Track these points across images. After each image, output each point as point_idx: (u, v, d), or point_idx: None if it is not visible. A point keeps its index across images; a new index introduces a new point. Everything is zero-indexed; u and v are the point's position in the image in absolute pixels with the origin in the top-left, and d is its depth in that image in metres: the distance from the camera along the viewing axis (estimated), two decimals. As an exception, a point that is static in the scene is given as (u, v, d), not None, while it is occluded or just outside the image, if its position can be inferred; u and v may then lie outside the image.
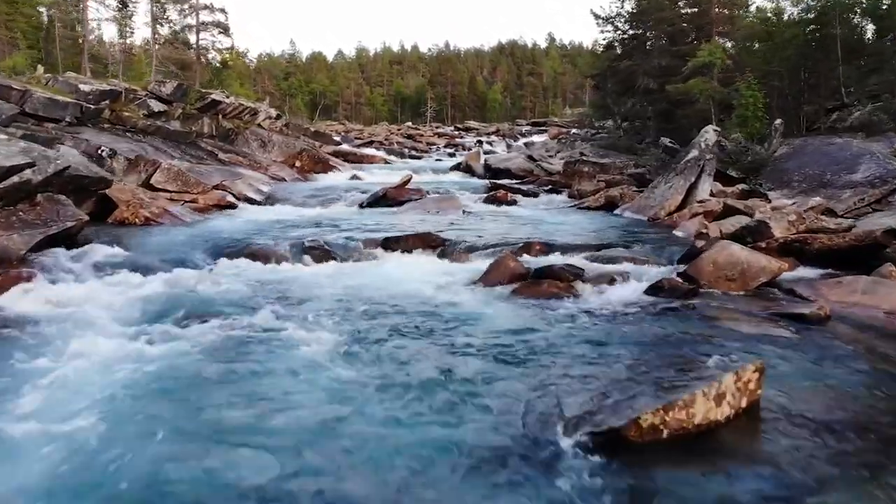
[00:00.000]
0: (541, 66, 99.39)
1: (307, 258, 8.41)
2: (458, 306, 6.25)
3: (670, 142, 16.98)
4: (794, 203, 10.69)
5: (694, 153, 12.44)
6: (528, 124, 62.17)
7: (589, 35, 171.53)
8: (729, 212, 10.61)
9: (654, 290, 6.61)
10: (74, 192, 9.64)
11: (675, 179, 12.16)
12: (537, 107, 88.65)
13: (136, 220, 11.42)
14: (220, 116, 21.71)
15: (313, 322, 5.58)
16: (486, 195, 16.17)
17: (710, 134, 12.74)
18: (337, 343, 5.03)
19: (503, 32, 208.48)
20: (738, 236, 8.72)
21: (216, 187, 14.84)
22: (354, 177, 21.96)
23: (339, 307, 6.14)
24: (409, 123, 66.37)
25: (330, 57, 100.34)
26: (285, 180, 19.97)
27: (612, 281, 6.96)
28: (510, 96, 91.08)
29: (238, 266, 8.02)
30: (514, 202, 15.55)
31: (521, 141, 44.78)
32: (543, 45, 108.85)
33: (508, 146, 41.61)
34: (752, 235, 8.56)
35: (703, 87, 16.07)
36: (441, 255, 8.80)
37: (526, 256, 8.24)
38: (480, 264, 8.22)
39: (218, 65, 28.52)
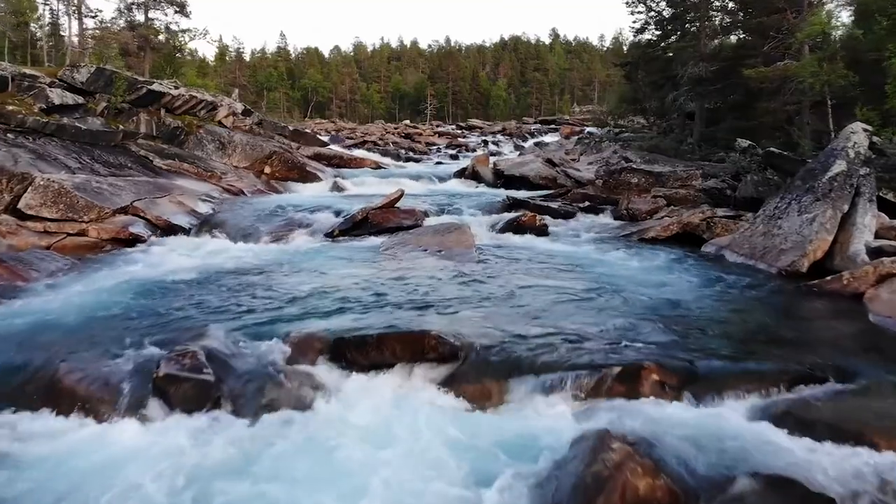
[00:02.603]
0: (546, 61, 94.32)
1: (155, 406, 3.90)
2: None
3: (750, 144, 12.47)
4: None
5: (839, 166, 7.90)
6: (536, 122, 57.29)
7: (594, 31, 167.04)
8: (944, 270, 6.12)
9: None
10: None
11: (814, 207, 7.64)
12: (543, 104, 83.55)
13: (-59, 277, 6.97)
14: (165, 111, 17.18)
15: None
16: (504, 218, 11.55)
17: (859, 136, 8.24)
18: None
19: (505, 29, 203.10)
20: None
21: (122, 211, 10.35)
22: (336, 186, 17.59)
23: None
24: (408, 122, 61.44)
25: (325, 53, 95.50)
26: (243, 193, 15.49)
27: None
28: (515, 93, 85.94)
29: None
30: (544, 228, 10.97)
31: (531, 141, 40.20)
32: (547, 40, 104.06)
33: (517, 147, 37.17)
34: None
35: (815, 69, 11.42)
36: (448, 385, 4.31)
37: (635, 406, 3.74)
38: (535, 421, 3.80)
39: (171, 49, 23.74)
